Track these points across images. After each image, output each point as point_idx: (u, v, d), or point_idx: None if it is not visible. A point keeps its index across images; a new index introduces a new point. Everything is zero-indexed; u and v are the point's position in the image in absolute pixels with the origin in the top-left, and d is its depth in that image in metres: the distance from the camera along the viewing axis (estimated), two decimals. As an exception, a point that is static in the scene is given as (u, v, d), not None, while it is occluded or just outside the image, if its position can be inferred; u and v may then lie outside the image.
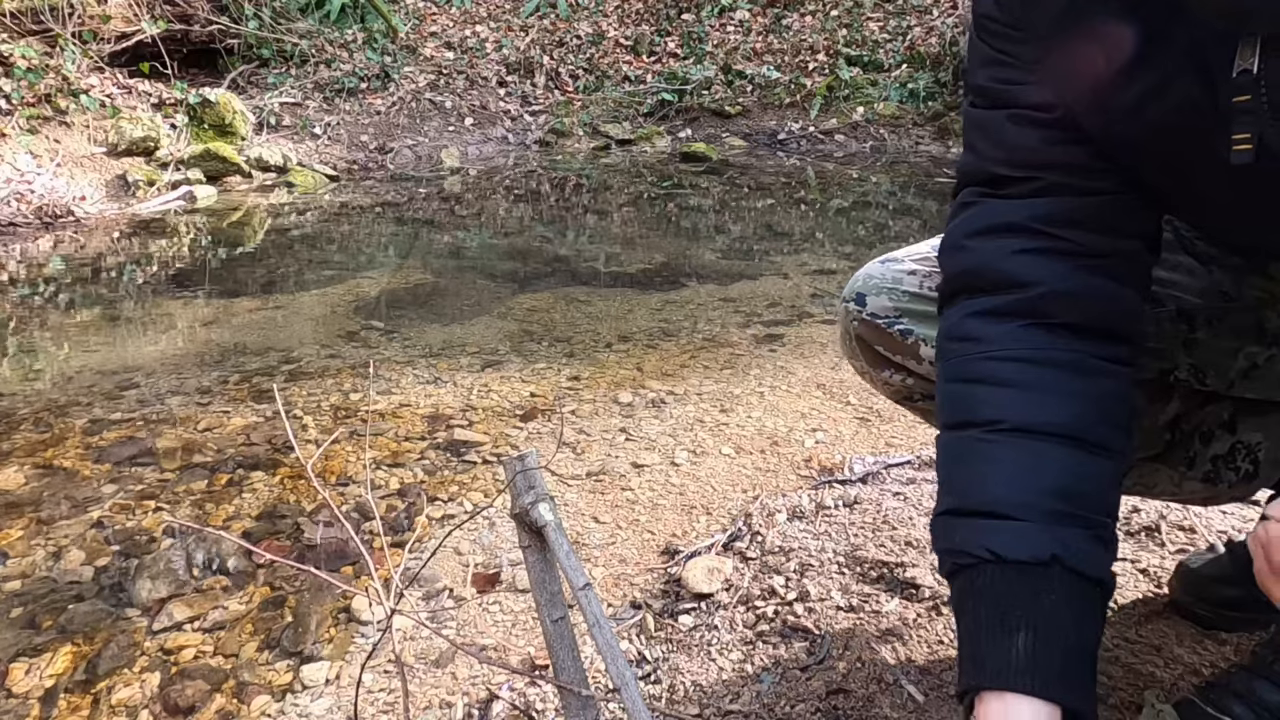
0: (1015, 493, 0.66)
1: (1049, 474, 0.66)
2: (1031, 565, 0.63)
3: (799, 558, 1.37)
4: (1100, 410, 0.69)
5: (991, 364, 0.71)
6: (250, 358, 2.55)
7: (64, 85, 5.28)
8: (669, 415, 2.07)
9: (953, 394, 0.74)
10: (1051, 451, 0.66)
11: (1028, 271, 0.71)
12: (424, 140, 6.49)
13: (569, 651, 0.87)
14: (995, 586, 0.64)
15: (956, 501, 0.69)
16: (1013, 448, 0.67)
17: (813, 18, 7.90)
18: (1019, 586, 0.63)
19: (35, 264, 3.79)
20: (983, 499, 0.67)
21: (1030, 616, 0.62)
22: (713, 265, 3.61)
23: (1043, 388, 0.69)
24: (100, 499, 1.74)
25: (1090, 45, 0.66)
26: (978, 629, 0.64)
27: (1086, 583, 0.64)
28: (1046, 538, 0.63)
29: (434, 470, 1.85)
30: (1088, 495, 0.66)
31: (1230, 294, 0.86)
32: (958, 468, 0.71)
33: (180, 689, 1.23)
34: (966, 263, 0.75)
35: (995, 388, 0.70)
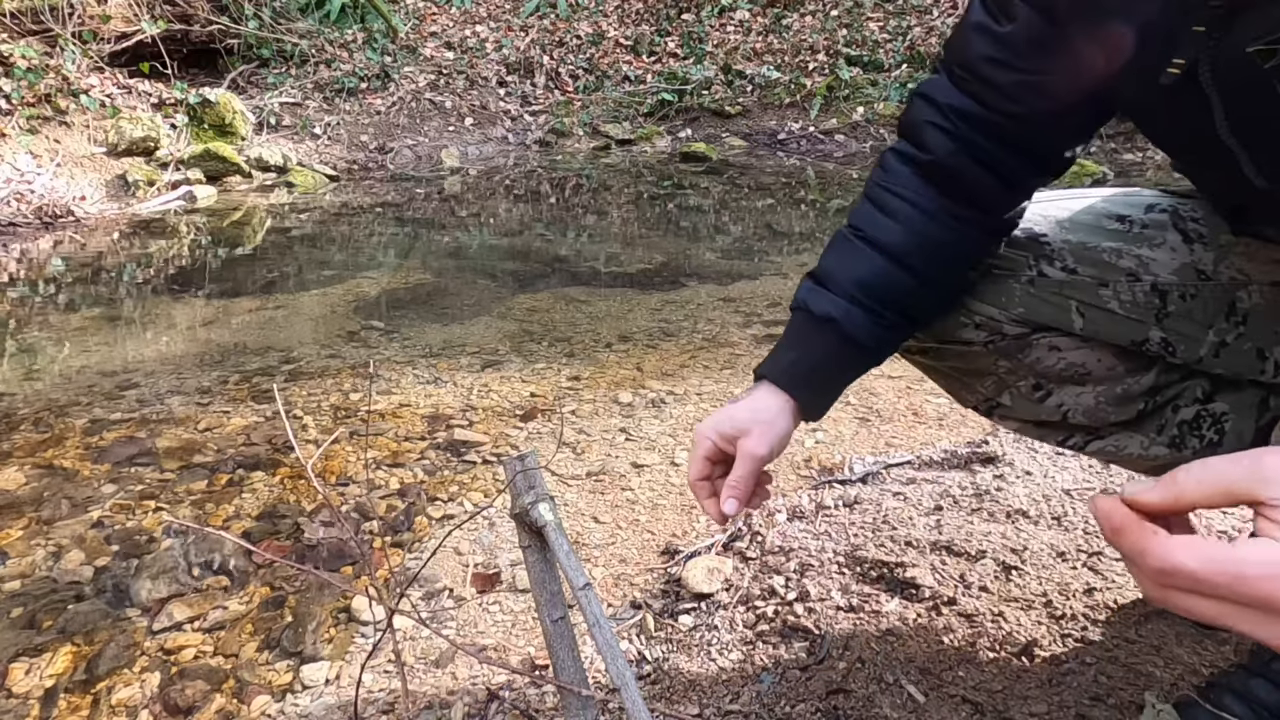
0: (840, 274, 0.92)
1: (868, 273, 0.91)
2: (820, 318, 0.91)
3: (799, 558, 1.37)
4: (934, 252, 0.91)
5: (883, 191, 0.93)
6: (250, 358, 2.55)
7: (64, 85, 5.28)
8: (669, 415, 2.07)
9: (858, 202, 0.97)
10: (880, 261, 0.91)
11: (931, 140, 0.91)
12: (424, 140, 6.49)
13: (569, 651, 0.87)
14: (797, 323, 0.94)
15: (815, 269, 0.96)
16: (858, 250, 0.93)
17: (813, 18, 7.90)
18: (808, 327, 0.93)
19: (35, 264, 3.79)
20: (823, 272, 0.94)
21: (803, 345, 0.93)
22: (713, 265, 3.61)
23: (902, 220, 0.91)
24: (100, 499, 1.74)
25: None
26: (778, 345, 0.95)
27: (853, 344, 0.91)
28: (837, 306, 0.90)
29: (434, 470, 1.85)
30: (888, 298, 0.91)
31: (1206, 273, 0.92)
32: (830, 249, 0.96)
33: (180, 689, 1.23)
34: (905, 114, 0.96)
35: (875, 208, 0.93)
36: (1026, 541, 1.36)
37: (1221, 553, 0.44)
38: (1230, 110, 0.71)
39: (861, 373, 0.96)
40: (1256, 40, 0.64)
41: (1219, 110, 0.72)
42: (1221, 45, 0.68)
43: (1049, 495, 1.51)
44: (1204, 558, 0.45)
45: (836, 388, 0.96)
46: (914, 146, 0.93)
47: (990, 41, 0.85)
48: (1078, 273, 0.94)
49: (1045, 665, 1.08)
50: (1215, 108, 0.72)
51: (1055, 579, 1.26)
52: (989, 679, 1.07)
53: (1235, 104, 0.71)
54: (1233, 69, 0.68)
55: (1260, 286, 0.92)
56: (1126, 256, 0.94)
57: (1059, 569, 1.29)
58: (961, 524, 1.43)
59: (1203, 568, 0.45)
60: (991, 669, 1.08)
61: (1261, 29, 0.64)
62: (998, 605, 1.21)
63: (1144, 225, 0.95)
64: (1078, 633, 1.14)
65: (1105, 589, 1.23)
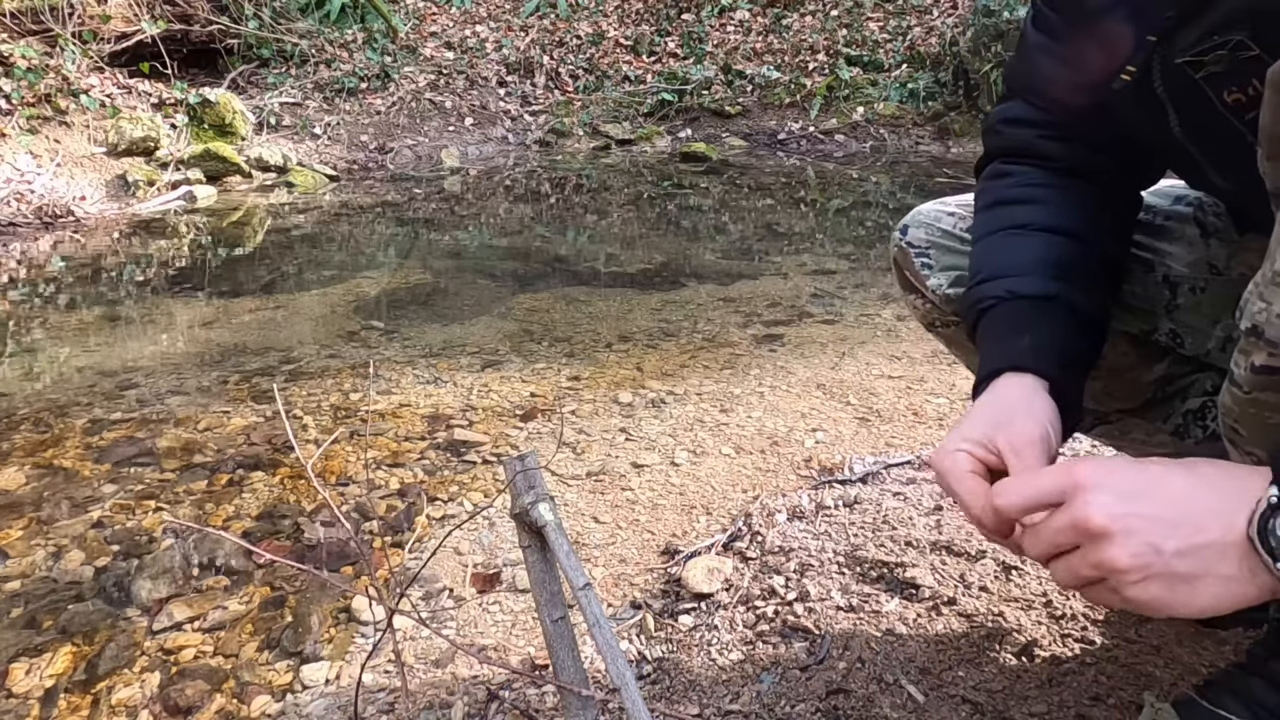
0: (1027, 260, 0.84)
1: (1057, 253, 0.84)
2: (1038, 298, 0.81)
3: (799, 558, 1.37)
4: (1096, 220, 0.87)
5: (1018, 189, 0.89)
6: (250, 358, 2.55)
7: (64, 85, 5.28)
8: (669, 415, 2.07)
9: (985, 216, 0.91)
10: (1060, 240, 0.85)
11: (1042, 149, 0.89)
12: (424, 140, 6.49)
13: (569, 651, 0.87)
14: (1011, 313, 0.82)
15: (981, 276, 0.86)
16: (1028, 237, 0.86)
17: (813, 18, 7.90)
18: (1028, 311, 0.81)
19: (35, 264, 3.79)
20: (1002, 267, 0.85)
21: (1035, 328, 0.80)
22: (713, 265, 3.61)
23: (1053, 202, 0.87)
24: (100, 499, 1.74)
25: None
26: (994, 341, 0.82)
27: (1079, 315, 0.82)
28: (1052, 284, 0.82)
29: (434, 470, 1.85)
30: (1083, 271, 0.84)
31: (1219, 268, 0.92)
32: (984, 257, 0.88)
33: (180, 689, 1.23)
34: (1001, 142, 0.93)
35: (1019, 205, 0.88)
36: (1026, 541, 1.36)
37: (1034, 477, 0.62)
38: (1181, 116, 0.73)
39: (1097, 353, 0.85)
40: (1184, 52, 0.67)
41: (1172, 116, 0.74)
42: (1169, 53, 0.70)
43: (1049, 495, 1.51)
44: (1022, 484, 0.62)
45: (1085, 370, 0.84)
46: (1022, 158, 0.91)
47: (1059, 64, 0.84)
48: None
49: (1045, 665, 1.08)
50: (1169, 113, 0.74)
51: (1055, 579, 1.26)
52: (989, 679, 1.07)
53: (1184, 110, 0.73)
54: (1175, 77, 0.70)
55: None
56: (1144, 248, 0.95)
57: (1059, 569, 1.29)
58: (961, 524, 1.43)
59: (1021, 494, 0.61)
60: (991, 669, 1.08)
61: (1190, 40, 0.66)
62: (998, 605, 1.21)
63: (1166, 217, 0.96)
64: (1078, 633, 1.14)
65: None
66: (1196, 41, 0.66)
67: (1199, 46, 0.66)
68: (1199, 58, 0.66)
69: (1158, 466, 0.57)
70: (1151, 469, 0.57)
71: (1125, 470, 0.57)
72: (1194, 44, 0.66)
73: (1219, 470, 0.56)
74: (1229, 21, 0.63)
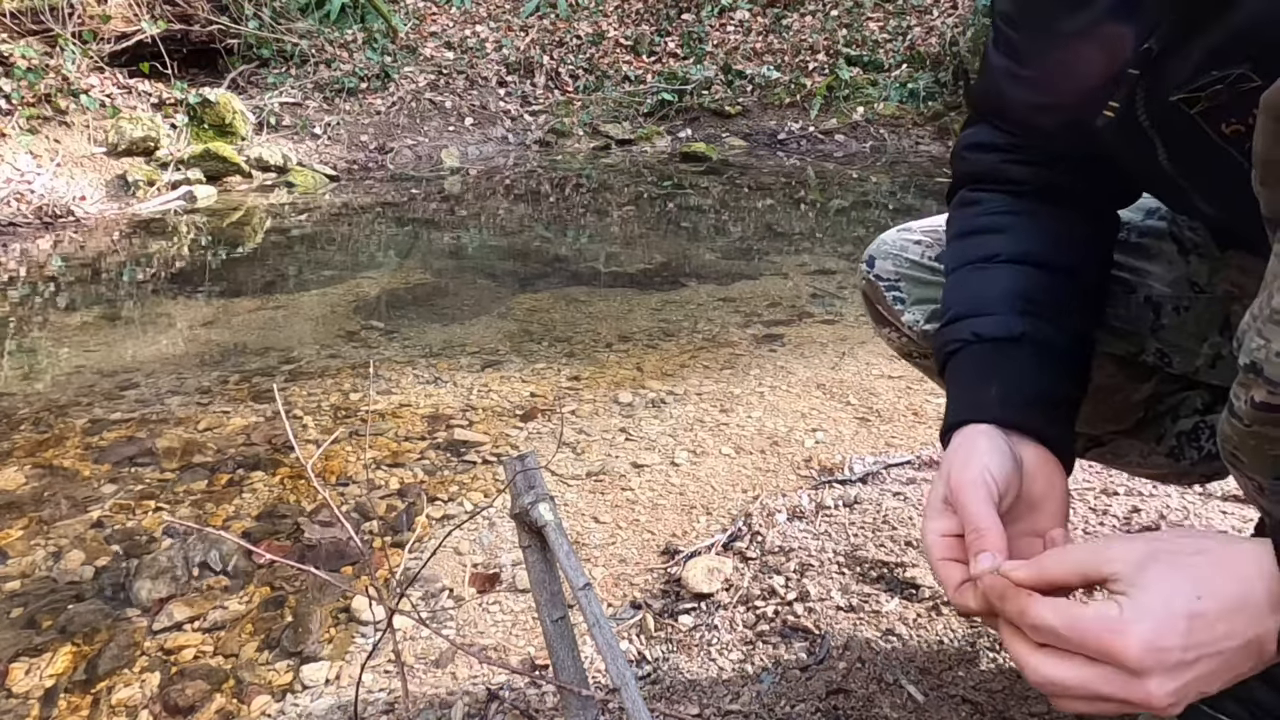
0: (994, 295, 0.80)
1: (1025, 285, 0.80)
2: (1005, 340, 0.78)
3: (799, 558, 1.37)
4: (1067, 244, 0.83)
5: (985, 218, 0.87)
6: (250, 358, 2.55)
7: (64, 85, 5.28)
8: (669, 415, 2.07)
9: (954, 247, 0.88)
10: (1028, 271, 0.81)
11: (1009, 173, 0.87)
12: (424, 140, 6.49)
13: (569, 651, 0.87)
14: (976, 357, 0.79)
15: (950, 315, 0.83)
16: (995, 270, 0.83)
17: (813, 18, 7.90)
18: (995, 355, 0.78)
19: (35, 264, 3.79)
20: (969, 304, 0.82)
21: (1001, 373, 0.77)
22: (713, 265, 3.61)
23: (1020, 229, 0.84)
24: (100, 499, 1.74)
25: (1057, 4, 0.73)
26: (959, 388, 0.79)
27: (1050, 351, 0.78)
28: (1017, 321, 0.78)
29: (434, 470, 1.85)
30: (1054, 301, 0.81)
31: (1201, 285, 0.91)
32: (954, 292, 0.85)
33: (180, 689, 1.23)
34: (967, 168, 0.91)
35: (986, 234, 0.85)
36: (1026, 541, 1.36)
37: (1077, 610, 0.55)
38: (1170, 149, 0.71)
39: (1078, 388, 0.81)
40: (1179, 88, 0.64)
41: (1160, 149, 0.72)
42: (1153, 87, 0.68)
43: (1049, 495, 1.51)
44: (1065, 615, 0.55)
45: (1071, 409, 0.79)
46: (989, 184, 0.88)
47: (1022, 86, 0.82)
48: None
49: (1045, 665, 1.08)
50: (1157, 146, 0.72)
51: (1055, 579, 1.26)
52: (989, 679, 1.07)
53: (1173, 143, 0.71)
54: (1164, 111, 0.68)
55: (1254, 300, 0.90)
56: (1123, 268, 0.93)
57: (1059, 569, 1.29)
58: (961, 524, 1.43)
59: (1062, 623, 0.55)
60: (991, 669, 1.08)
61: (1183, 75, 0.64)
62: (998, 605, 1.21)
63: (1141, 233, 0.94)
64: (1078, 633, 1.14)
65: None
66: (1191, 77, 0.63)
67: (1195, 83, 0.63)
68: (1195, 94, 0.64)
69: (1194, 578, 0.54)
70: (1191, 583, 0.54)
71: (1166, 595, 0.54)
72: (1188, 80, 0.64)
73: (1256, 572, 0.54)
74: (1225, 55, 0.61)
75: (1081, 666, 0.55)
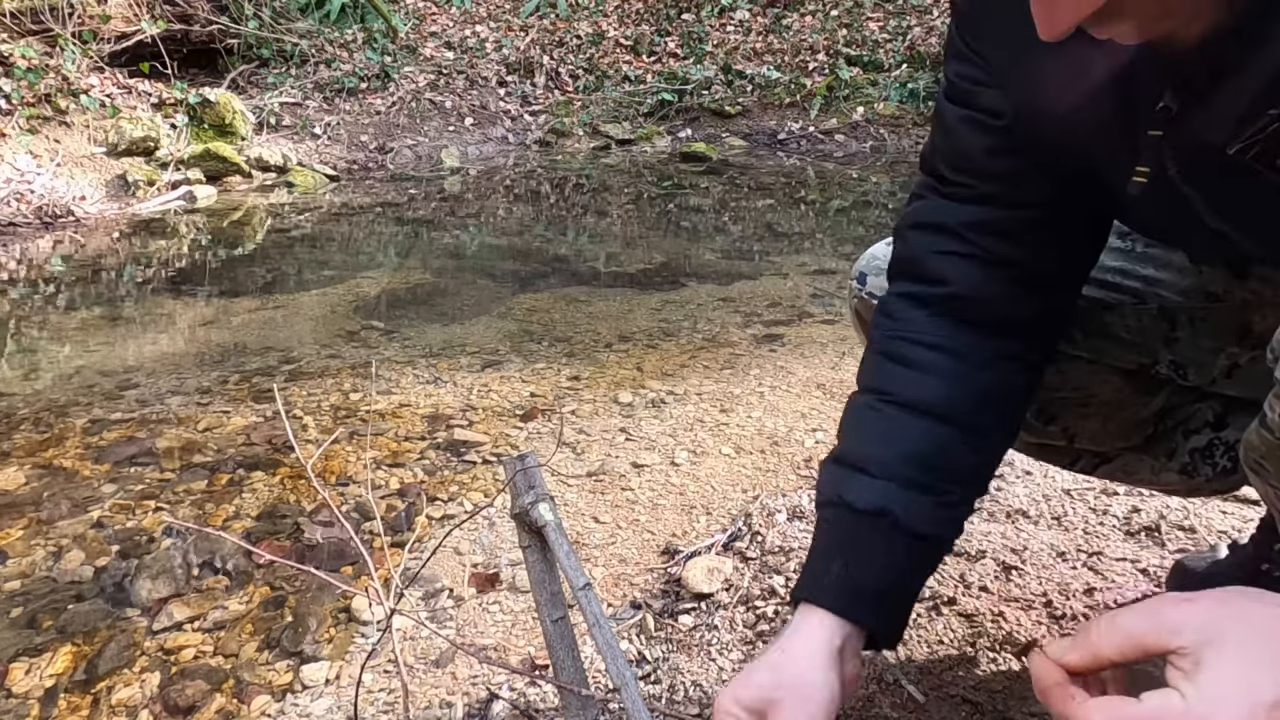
0: (879, 453, 0.77)
1: (914, 442, 0.76)
2: (867, 513, 0.75)
3: (799, 558, 1.37)
4: (979, 397, 0.78)
5: (899, 343, 0.81)
6: (250, 358, 2.55)
7: (64, 85, 5.28)
8: (669, 415, 2.07)
9: (866, 362, 0.84)
10: (923, 425, 0.77)
11: (946, 271, 0.79)
12: (424, 140, 6.49)
13: (569, 651, 0.87)
14: (836, 524, 0.77)
15: (839, 452, 0.81)
16: (892, 418, 0.78)
17: (813, 18, 7.90)
18: (853, 528, 0.76)
19: (35, 264, 3.79)
20: (856, 454, 0.79)
21: (850, 552, 0.75)
22: (713, 265, 3.61)
23: (935, 371, 0.78)
24: (100, 499, 1.74)
25: (1038, 56, 0.67)
26: (813, 554, 0.78)
27: (912, 537, 0.75)
28: (888, 494, 0.75)
29: (434, 470, 1.85)
30: (944, 467, 0.77)
31: (1217, 295, 0.87)
32: (849, 424, 0.82)
33: (180, 689, 1.23)
34: (902, 251, 0.84)
35: (896, 365, 0.80)
36: (1026, 541, 1.36)
37: (1132, 711, 0.49)
38: (1215, 201, 0.68)
39: (931, 571, 0.81)
40: (1234, 139, 0.60)
41: (1201, 204, 0.68)
42: (1185, 146, 0.64)
43: (1049, 495, 1.51)
44: (1112, 717, 0.50)
45: (908, 599, 0.78)
46: (922, 283, 0.81)
47: (984, 132, 0.77)
48: (1081, 295, 0.88)
49: (1045, 665, 1.08)
50: (1197, 201, 0.68)
51: (1055, 579, 1.26)
52: (989, 679, 1.07)
53: (1217, 196, 0.67)
54: (1206, 166, 0.64)
55: (1276, 308, 0.85)
56: (1131, 277, 0.89)
57: (1059, 569, 1.29)
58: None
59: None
60: (991, 669, 1.08)
61: (1226, 125, 0.60)
62: (998, 605, 1.21)
63: (1148, 243, 0.90)
64: (1078, 633, 1.14)
65: (1105, 589, 1.23)
66: (1241, 122, 0.59)
67: (1252, 127, 0.58)
68: (1252, 140, 0.59)
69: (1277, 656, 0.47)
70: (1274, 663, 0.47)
71: (1246, 681, 0.47)
72: (1236, 126, 0.59)
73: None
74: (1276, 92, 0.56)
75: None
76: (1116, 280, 0.90)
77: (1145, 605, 0.52)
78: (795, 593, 0.77)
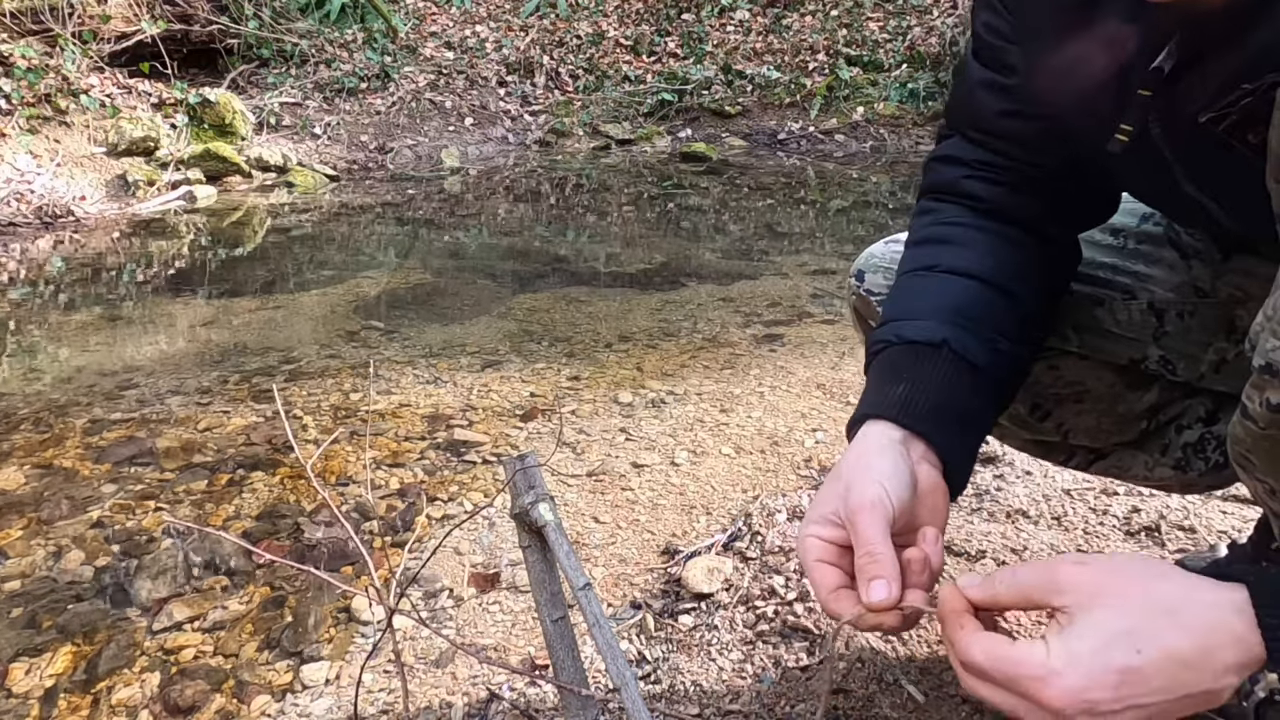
0: (928, 305, 0.80)
1: (959, 296, 0.80)
2: (925, 344, 0.77)
3: (799, 557, 1.37)
4: (1011, 267, 0.82)
5: (936, 228, 0.86)
6: (250, 358, 2.55)
7: (64, 85, 5.28)
8: (669, 415, 2.07)
9: (905, 255, 0.88)
10: (964, 284, 0.81)
11: (972, 189, 0.86)
12: (424, 140, 6.49)
13: (569, 651, 0.87)
14: (894, 357, 0.79)
15: (885, 318, 0.83)
16: (935, 280, 0.82)
17: (813, 18, 7.90)
18: (911, 357, 0.77)
19: (35, 264, 3.79)
20: (904, 310, 0.82)
21: (912, 375, 0.76)
22: (713, 265, 3.61)
23: (972, 245, 0.83)
24: (100, 499, 1.74)
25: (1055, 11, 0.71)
26: (871, 386, 0.79)
27: (969, 365, 0.77)
28: (942, 329, 0.77)
29: (434, 470, 1.85)
30: (986, 318, 0.80)
31: (1205, 290, 0.89)
32: (890, 302, 0.85)
33: (180, 689, 1.23)
34: (932, 179, 0.90)
35: (935, 244, 0.85)
36: (1026, 541, 1.36)
37: (1003, 650, 0.54)
38: (1191, 169, 0.70)
39: (992, 411, 0.81)
40: (1207, 109, 0.62)
41: (1179, 169, 0.70)
42: (1169, 108, 0.66)
43: (1049, 495, 1.51)
44: (989, 654, 0.54)
45: (970, 428, 0.78)
46: (953, 198, 0.87)
47: (1001, 95, 0.81)
48: (1073, 292, 0.91)
49: (1045, 665, 1.08)
50: (1175, 167, 0.70)
51: (1055, 579, 1.26)
52: (989, 679, 1.07)
53: (1193, 163, 0.69)
54: (1184, 131, 0.66)
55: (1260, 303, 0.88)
56: (1122, 273, 0.91)
57: (1059, 569, 1.29)
58: (961, 524, 1.43)
59: (987, 662, 0.54)
60: (991, 669, 1.08)
61: (1205, 94, 0.62)
62: (998, 605, 1.21)
63: (1139, 239, 0.92)
64: (1078, 633, 1.14)
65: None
66: (1218, 93, 0.61)
67: (1225, 99, 0.61)
68: (1225, 110, 0.61)
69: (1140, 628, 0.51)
70: (1133, 634, 0.51)
71: (1103, 645, 0.51)
72: (1214, 97, 0.61)
73: (1207, 630, 0.50)
74: (1257, 66, 0.58)
75: (1007, 694, 0.54)
76: (1107, 276, 0.92)
77: (1045, 563, 0.56)
78: (858, 412, 0.76)
